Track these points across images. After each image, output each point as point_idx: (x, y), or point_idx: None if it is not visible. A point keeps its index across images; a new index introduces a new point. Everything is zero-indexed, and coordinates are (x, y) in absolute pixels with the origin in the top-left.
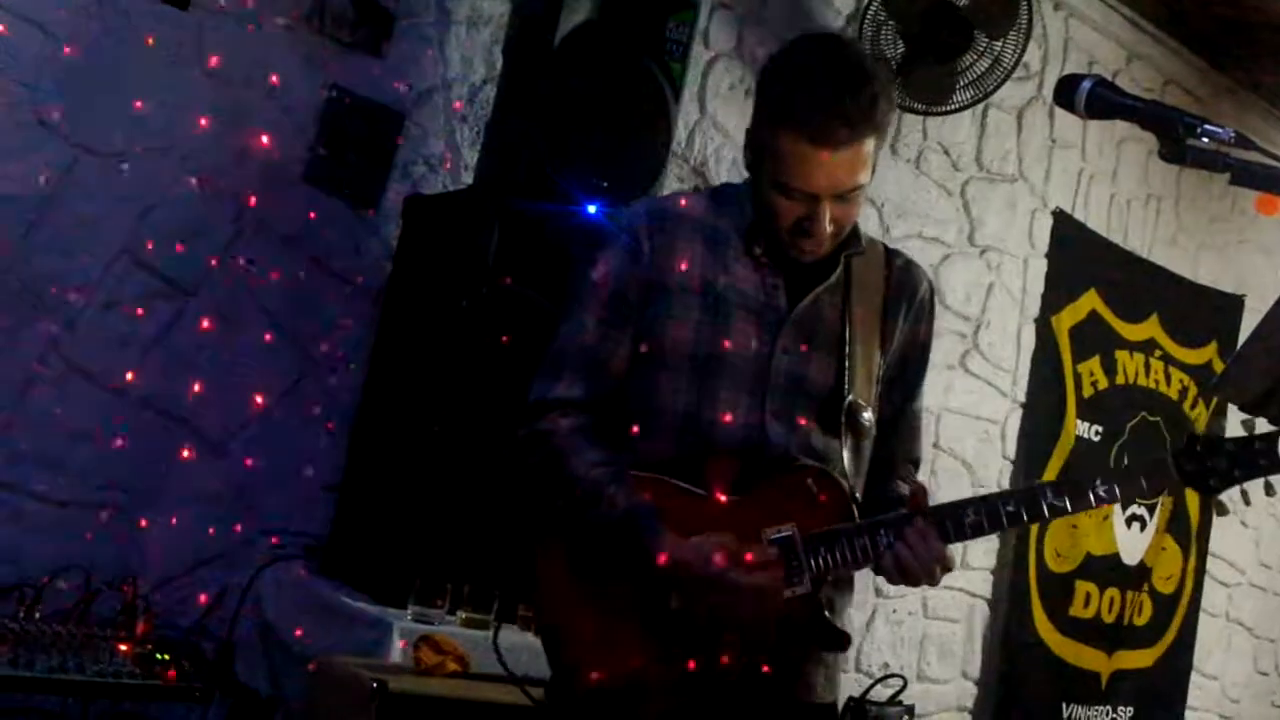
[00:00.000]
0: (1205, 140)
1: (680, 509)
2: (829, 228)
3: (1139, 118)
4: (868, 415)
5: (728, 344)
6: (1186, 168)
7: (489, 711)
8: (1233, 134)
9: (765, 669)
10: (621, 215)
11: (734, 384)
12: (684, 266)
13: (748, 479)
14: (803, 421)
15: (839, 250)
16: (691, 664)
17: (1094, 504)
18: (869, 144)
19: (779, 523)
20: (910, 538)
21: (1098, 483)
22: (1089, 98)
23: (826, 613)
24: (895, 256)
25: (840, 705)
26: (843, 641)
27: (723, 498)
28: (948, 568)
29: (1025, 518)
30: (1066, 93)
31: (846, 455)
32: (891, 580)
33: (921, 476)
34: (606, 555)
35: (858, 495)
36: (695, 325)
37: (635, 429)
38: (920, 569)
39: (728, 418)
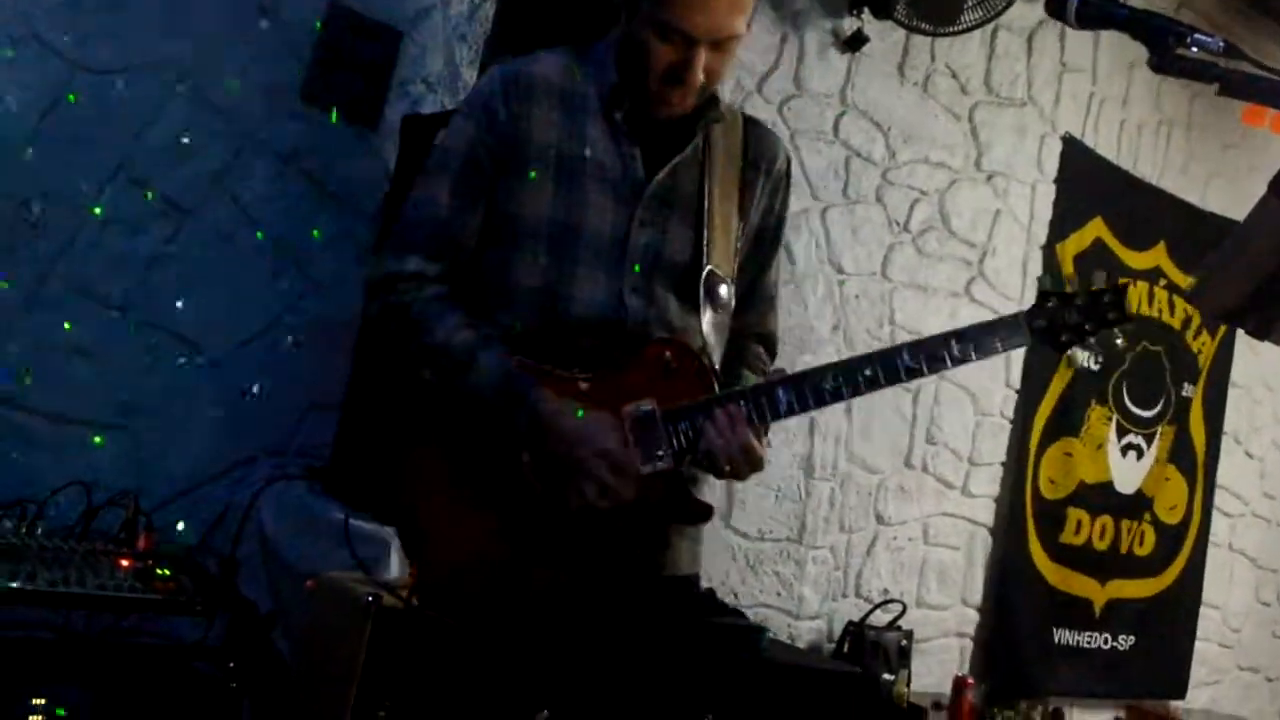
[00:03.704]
0: (1195, 50)
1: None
2: (701, 77)
3: (1129, 27)
4: (726, 288)
5: (584, 218)
6: (1190, 84)
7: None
8: (1222, 44)
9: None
10: (480, 81)
11: (591, 259)
12: (540, 135)
13: (606, 356)
14: (661, 294)
15: (697, 117)
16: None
17: (949, 364)
18: None
19: (639, 399)
20: (719, 421)
21: (952, 343)
22: (1080, 7)
23: (689, 486)
24: (753, 125)
25: (702, 576)
26: (706, 513)
27: (582, 375)
28: (753, 462)
29: (883, 380)
30: (1058, 2)
31: (706, 327)
32: (702, 468)
33: (924, 405)
34: (478, 421)
35: (717, 367)
36: (550, 199)
37: (491, 305)
38: (724, 457)
39: (585, 293)
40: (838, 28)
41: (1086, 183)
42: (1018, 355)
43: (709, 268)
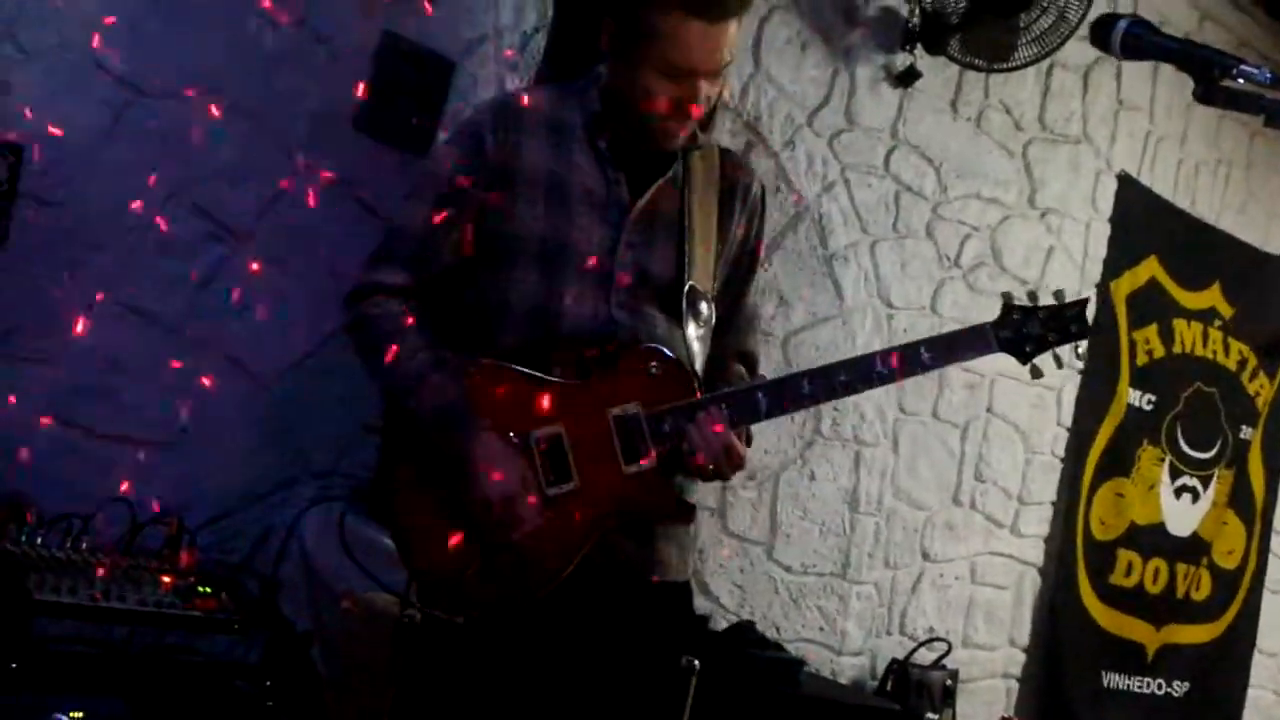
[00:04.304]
0: (1241, 81)
1: (523, 394)
2: (703, 106)
3: (1174, 58)
4: (706, 303)
5: (573, 237)
6: (1249, 124)
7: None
8: (1269, 75)
9: (620, 547)
10: (469, 112)
11: (580, 277)
12: (528, 161)
13: (593, 364)
14: (647, 310)
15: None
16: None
17: (921, 370)
18: (734, 25)
19: (624, 404)
20: (701, 422)
21: (923, 350)
22: (1124, 38)
23: (672, 487)
24: (728, 154)
25: (691, 581)
26: (689, 512)
27: (568, 382)
28: (734, 462)
29: (858, 385)
30: (1102, 33)
31: (689, 340)
32: (688, 473)
33: (973, 442)
34: (422, 443)
35: (699, 375)
36: (541, 219)
37: (486, 324)
38: (708, 456)
39: (575, 309)
40: (890, 63)
41: (1141, 221)
42: (1069, 395)
43: (690, 284)
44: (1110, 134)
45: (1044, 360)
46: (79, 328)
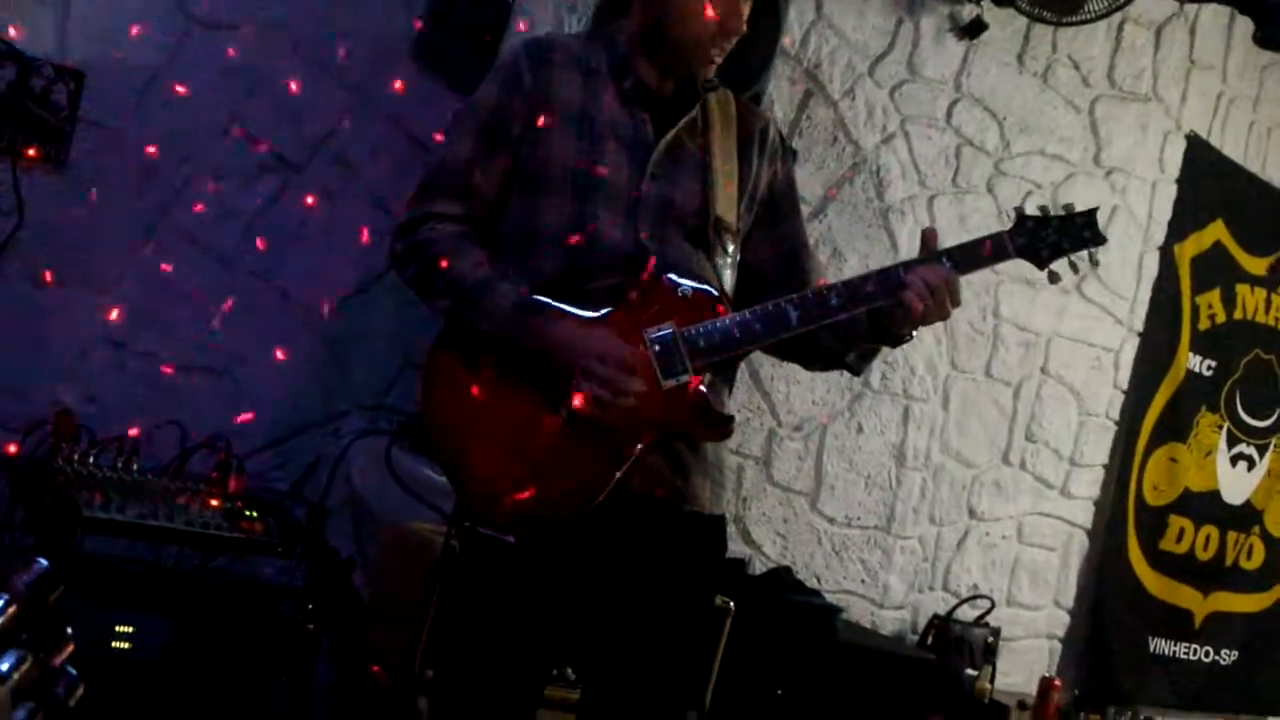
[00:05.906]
0: None
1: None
2: (743, 27)
3: (1236, 0)
4: (732, 235)
5: (603, 168)
6: None
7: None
8: None
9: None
10: (506, 51)
11: (610, 206)
12: (562, 95)
13: (626, 291)
14: (674, 239)
15: (694, 89)
16: (586, 475)
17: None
18: None
19: (658, 324)
20: (915, 286)
21: (944, 260)
22: None
23: (708, 399)
24: (740, 100)
25: (729, 517)
26: (727, 423)
27: (605, 310)
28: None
29: (881, 295)
30: None
31: (716, 267)
32: (901, 320)
33: (1025, 401)
34: (497, 348)
35: (728, 295)
36: (574, 149)
37: (519, 251)
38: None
39: (607, 235)
40: (956, 14)
41: (1209, 184)
42: (1127, 357)
43: (716, 213)
44: (1181, 93)
45: (1061, 268)
46: (136, 255)
